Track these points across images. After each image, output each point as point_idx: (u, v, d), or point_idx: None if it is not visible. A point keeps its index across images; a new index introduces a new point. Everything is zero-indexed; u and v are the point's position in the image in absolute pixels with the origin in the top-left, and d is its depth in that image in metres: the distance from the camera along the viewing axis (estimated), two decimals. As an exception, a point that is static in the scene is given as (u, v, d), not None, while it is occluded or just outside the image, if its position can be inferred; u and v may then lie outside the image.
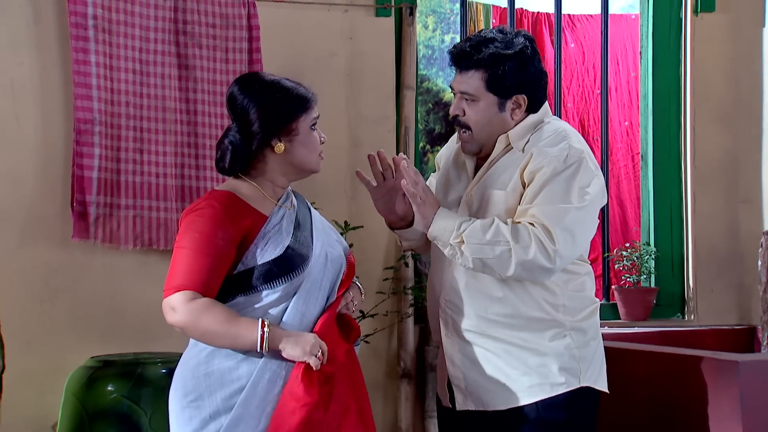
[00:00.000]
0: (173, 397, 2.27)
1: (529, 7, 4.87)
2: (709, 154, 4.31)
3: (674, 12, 4.33)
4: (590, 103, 4.89)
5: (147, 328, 3.62)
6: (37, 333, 3.53)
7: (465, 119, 2.49)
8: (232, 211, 2.22)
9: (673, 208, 4.31)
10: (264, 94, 2.28)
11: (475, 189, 2.51)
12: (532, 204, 2.37)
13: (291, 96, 2.31)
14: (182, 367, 2.28)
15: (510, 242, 2.34)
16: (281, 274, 2.23)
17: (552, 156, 2.40)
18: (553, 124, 2.52)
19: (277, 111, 2.27)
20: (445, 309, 2.52)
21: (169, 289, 2.17)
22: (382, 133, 4.02)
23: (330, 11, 3.96)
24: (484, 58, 2.44)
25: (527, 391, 2.45)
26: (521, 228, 2.35)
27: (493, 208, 2.45)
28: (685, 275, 4.31)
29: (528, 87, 2.48)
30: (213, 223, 2.19)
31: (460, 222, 2.39)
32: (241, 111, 2.28)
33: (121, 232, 3.58)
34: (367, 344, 3.83)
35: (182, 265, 2.17)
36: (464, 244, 2.36)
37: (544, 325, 2.45)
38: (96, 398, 3.21)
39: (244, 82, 2.33)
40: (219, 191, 2.28)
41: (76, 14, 3.51)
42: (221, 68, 3.77)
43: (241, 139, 2.27)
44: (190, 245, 2.18)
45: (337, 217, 3.79)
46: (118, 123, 3.59)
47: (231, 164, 2.28)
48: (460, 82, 2.48)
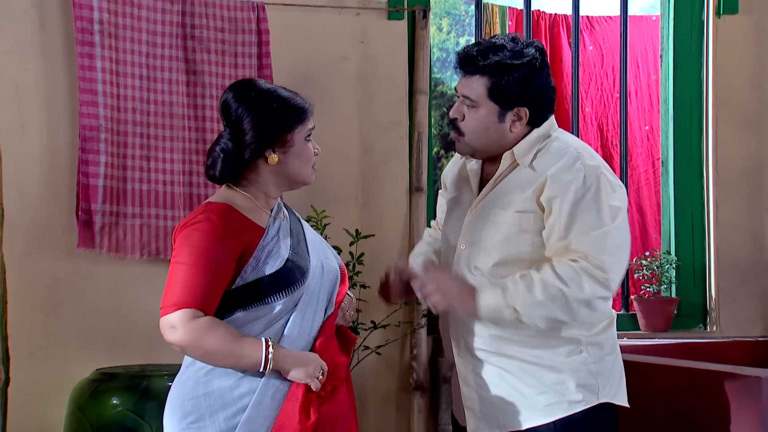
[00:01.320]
0: (170, 420, 2.21)
1: (546, 9, 4.82)
2: (732, 159, 4.25)
3: (696, 13, 4.28)
4: (609, 107, 4.84)
5: (153, 339, 3.49)
6: (42, 345, 3.50)
7: (462, 124, 2.44)
8: (230, 224, 2.17)
9: (695, 215, 4.26)
10: (260, 103, 2.22)
11: (480, 206, 2.46)
12: (568, 238, 2.32)
13: (288, 106, 2.25)
14: (178, 388, 2.21)
15: (562, 288, 2.29)
16: (282, 287, 2.19)
17: (569, 181, 2.35)
18: (561, 141, 2.45)
19: (272, 121, 2.22)
20: (457, 329, 2.48)
21: (168, 306, 2.11)
22: (395, 138, 3.97)
23: (341, 14, 3.92)
24: (490, 65, 2.39)
25: (544, 410, 2.39)
26: (565, 268, 2.30)
27: (504, 229, 2.40)
28: (708, 285, 4.25)
29: (531, 100, 2.42)
30: (212, 238, 2.14)
31: (503, 294, 2.32)
32: (235, 119, 2.23)
33: (127, 242, 3.55)
34: (379, 356, 3.80)
35: (181, 282, 2.11)
36: (521, 314, 2.31)
37: (559, 342, 2.40)
38: (100, 411, 3.19)
39: (239, 89, 2.26)
40: (215, 204, 2.22)
41: (81, 19, 3.47)
42: (230, 73, 3.73)
43: (233, 147, 2.22)
44: (188, 261, 2.12)
45: (347, 225, 3.74)
46: (125, 130, 3.56)
47: (222, 173, 2.23)
48: (464, 86, 2.44)
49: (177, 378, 2.24)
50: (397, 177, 3.97)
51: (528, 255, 2.39)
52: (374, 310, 3.82)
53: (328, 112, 3.81)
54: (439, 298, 2.35)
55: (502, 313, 2.32)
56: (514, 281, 2.32)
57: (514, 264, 2.39)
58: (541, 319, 2.32)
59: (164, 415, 2.24)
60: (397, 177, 3.97)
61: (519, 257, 2.39)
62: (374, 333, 3.79)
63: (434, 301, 2.36)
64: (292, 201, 3.42)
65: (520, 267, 2.37)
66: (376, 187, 3.95)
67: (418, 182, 3.95)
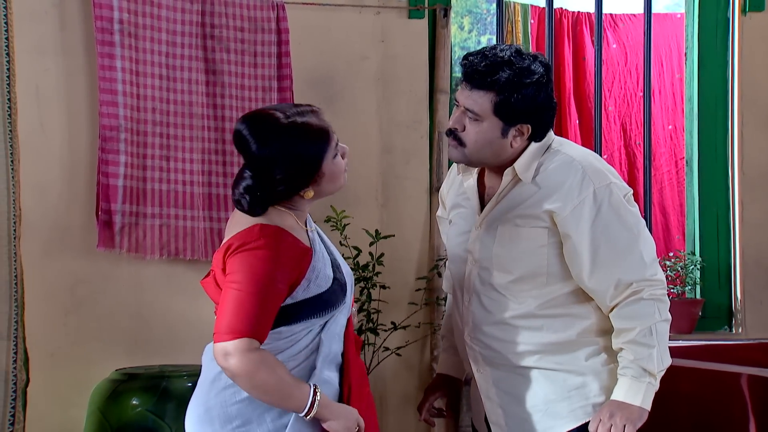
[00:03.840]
0: (207, 428, 2.15)
1: (568, 7, 4.78)
2: (758, 159, 4.19)
3: (721, 11, 4.23)
4: (632, 106, 4.80)
5: (173, 339, 3.59)
6: (62, 345, 3.50)
7: (463, 135, 2.38)
8: (287, 250, 2.12)
9: (720, 215, 4.21)
10: (286, 148, 2.13)
11: (486, 223, 2.43)
12: (613, 269, 2.34)
13: (313, 140, 2.16)
14: (215, 395, 2.16)
15: (656, 323, 2.36)
16: (330, 304, 2.19)
17: (579, 201, 2.34)
18: (563, 154, 2.42)
19: (303, 165, 2.15)
20: (472, 345, 2.45)
21: (225, 333, 2.06)
22: (415, 138, 3.95)
23: (361, 13, 3.90)
24: (500, 82, 2.33)
25: (569, 416, 2.38)
26: (642, 305, 2.35)
27: (520, 245, 2.38)
28: (733, 286, 4.20)
29: (535, 117, 2.39)
30: (272, 266, 2.09)
31: (638, 379, 2.33)
32: (261, 164, 2.14)
33: (147, 242, 3.54)
34: (399, 356, 3.78)
35: (239, 309, 2.06)
36: (662, 370, 2.37)
37: (577, 346, 2.39)
38: (120, 412, 3.19)
39: (260, 131, 2.15)
40: (269, 227, 2.14)
41: (102, 19, 3.47)
42: (250, 73, 3.72)
43: (262, 191, 2.15)
44: (247, 288, 2.07)
45: (368, 225, 3.73)
46: (145, 129, 3.55)
47: (252, 211, 2.16)
48: (468, 98, 2.37)
49: (208, 385, 2.19)
50: (417, 177, 3.94)
51: (545, 269, 2.37)
52: (394, 311, 3.81)
53: (348, 111, 3.80)
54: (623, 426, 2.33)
55: (653, 388, 2.35)
56: (629, 361, 2.34)
57: (531, 279, 2.38)
58: (667, 354, 2.38)
59: (196, 423, 2.18)
60: (418, 177, 3.94)
61: (537, 272, 2.37)
62: (394, 334, 3.77)
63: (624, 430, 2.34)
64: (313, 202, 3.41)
65: (537, 282, 2.37)
66: (396, 187, 3.93)
67: (438, 182, 3.92)
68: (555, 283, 2.38)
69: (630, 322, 2.33)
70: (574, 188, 2.34)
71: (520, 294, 2.38)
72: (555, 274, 2.37)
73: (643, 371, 2.32)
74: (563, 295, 2.39)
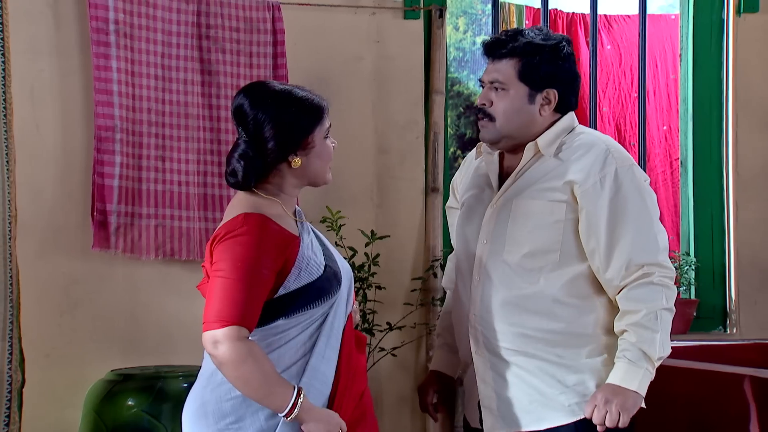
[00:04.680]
0: (202, 423, 2.16)
1: (563, 8, 4.79)
2: (753, 160, 4.20)
3: (716, 12, 4.23)
4: (627, 106, 4.81)
5: (168, 340, 3.58)
6: (57, 345, 3.49)
7: (491, 109, 2.43)
8: (271, 237, 2.14)
9: (714, 216, 4.21)
10: (278, 109, 2.19)
11: (502, 199, 2.44)
12: (628, 248, 2.35)
13: (306, 108, 2.22)
14: (210, 390, 2.17)
15: (662, 309, 2.35)
16: (322, 294, 2.19)
17: (602, 176, 2.37)
18: (588, 134, 2.49)
19: (293, 126, 2.19)
20: (476, 325, 2.44)
21: (215, 321, 2.07)
22: (410, 139, 3.95)
23: (357, 14, 3.90)
24: (520, 46, 2.40)
25: (566, 410, 2.38)
26: (651, 289, 2.35)
27: (534, 219, 2.39)
28: (727, 287, 4.20)
29: (560, 82, 2.44)
30: (255, 252, 2.11)
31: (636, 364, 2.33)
32: (254, 126, 2.19)
33: (142, 242, 3.54)
34: (395, 357, 3.78)
35: (227, 297, 2.08)
36: (655, 359, 2.35)
37: (582, 341, 2.39)
38: (116, 413, 3.19)
39: (255, 93, 2.23)
40: (253, 215, 2.16)
41: (97, 19, 3.46)
42: (245, 73, 3.71)
43: (254, 154, 2.19)
44: (232, 275, 2.09)
45: (363, 225, 3.73)
46: (140, 130, 3.54)
47: (245, 180, 2.20)
48: (492, 71, 2.44)
49: (204, 381, 2.20)
50: (412, 177, 3.94)
51: (558, 246, 2.38)
52: (390, 311, 3.80)
53: (343, 112, 3.79)
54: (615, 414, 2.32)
55: (650, 375, 2.34)
56: (630, 343, 2.33)
57: (543, 255, 2.38)
58: (668, 342, 2.37)
59: (190, 420, 2.20)
60: (413, 177, 3.94)
61: (550, 248, 2.38)
62: (390, 334, 3.77)
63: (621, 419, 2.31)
64: (308, 202, 3.41)
65: (549, 260, 2.37)
66: (391, 187, 3.93)
67: (434, 183, 3.92)
68: (567, 264, 2.38)
69: (636, 304, 2.34)
70: (597, 163, 2.37)
71: (531, 273, 2.38)
72: (568, 253, 2.38)
73: (643, 355, 2.31)
74: (573, 281, 2.39)
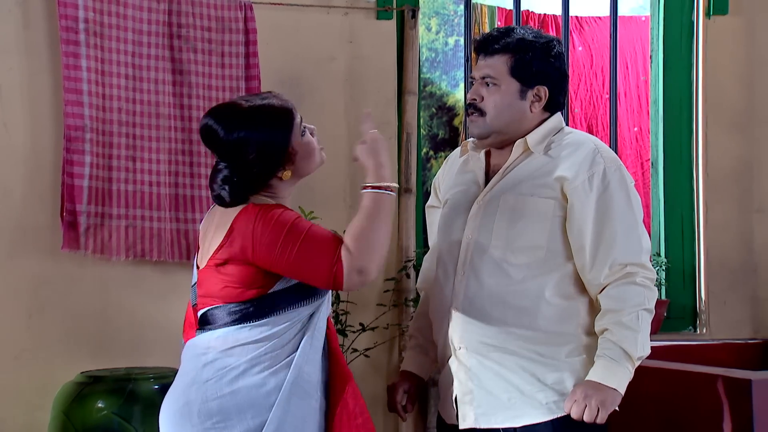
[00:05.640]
0: (187, 423, 2.15)
1: (535, 9, 4.80)
2: (722, 161, 4.23)
3: (686, 14, 4.26)
4: (598, 108, 4.83)
5: (139, 342, 3.55)
6: (26, 347, 3.46)
7: (482, 104, 2.44)
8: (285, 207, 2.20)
9: (685, 217, 4.24)
10: (254, 131, 2.19)
11: (489, 196, 2.45)
12: (613, 247, 2.36)
13: (277, 119, 2.22)
14: (196, 389, 2.16)
15: (643, 309, 2.37)
16: (315, 292, 2.22)
17: (591, 174, 2.38)
18: (576, 134, 2.52)
19: (273, 145, 2.20)
20: (457, 319, 2.44)
21: (333, 265, 2.09)
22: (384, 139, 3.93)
23: (329, 14, 3.89)
24: (513, 42, 2.43)
25: (543, 408, 2.38)
26: (634, 289, 2.37)
27: (523, 215, 2.39)
28: (697, 287, 4.23)
29: (550, 80, 2.46)
30: (291, 212, 2.17)
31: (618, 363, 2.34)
32: (233, 152, 2.19)
33: (112, 243, 3.50)
34: (368, 358, 3.76)
35: (318, 248, 2.10)
36: (635, 359, 2.36)
37: (563, 340, 2.40)
38: (85, 415, 3.16)
39: (226, 119, 2.21)
40: (267, 204, 2.20)
41: (66, 18, 3.43)
42: (217, 73, 3.69)
43: (239, 179, 2.19)
44: (300, 236, 2.11)
45: (336, 226, 3.66)
46: (110, 130, 3.51)
47: (234, 201, 2.20)
48: (483, 67, 2.45)
49: (188, 381, 2.19)
50: (385, 178, 3.93)
51: (545, 242, 2.39)
52: (362, 312, 3.80)
53: (316, 112, 3.76)
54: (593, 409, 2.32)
55: (629, 374, 2.36)
56: (611, 342, 2.34)
57: (530, 251, 2.38)
58: (648, 342, 2.38)
59: (171, 420, 2.18)
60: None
61: (536, 244, 2.38)
62: (362, 335, 3.76)
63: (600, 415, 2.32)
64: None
65: (536, 255, 2.38)
66: (364, 188, 3.91)
67: (407, 183, 3.92)
68: (554, 262, 2.39)
69: (618, 303, 2.35)
70: (586, 161, 2.39)
71: (517, 268, 2.38)
72: (555, 251, 2.39)
73: (624, 354, 2.32)
74: (560, 280, 2.40)
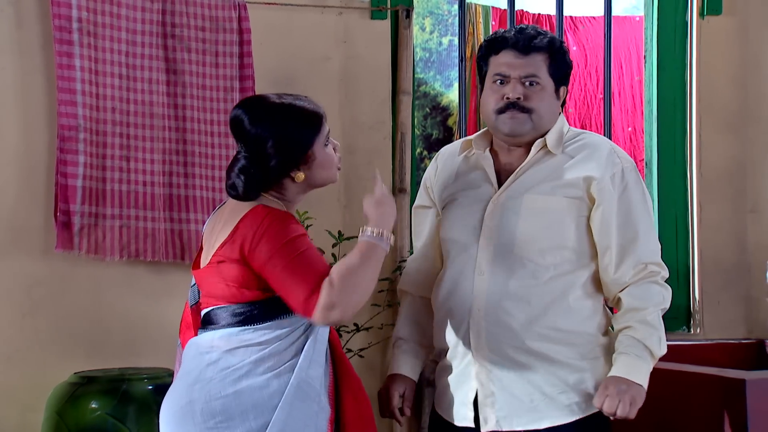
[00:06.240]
0: (189, 422, 2.15)
1: (529, 9, 4.82)
2: (716, 161, 4.23)
3: (680, 14, 4.25)
4: (592, 108, 4.84)
5: (133, 342, 3.54)
6: (18, 348, 3.44)
7: (528, 103, 2.43)
8: (295, 220, 2.23)
9: (678, 217, 4.23)
10: (278, 124, 2.21)
11: (507, 194, 2.44)
12: (636, 247, 2.41)
13: (305, 120, 2.24)
14: (199, 388, 2.16)
15: (662, 308, 2.49)
16: None
17: (613, 173, 2.42)
18: (588, 134, 2.57)
19: (294, 142, 2.22)
20: (480, 321, 2.42)
21: (311, 298, 2.11)
22: (378, 139, 3.94)
23: (324, 14, 3.88)
24: (547, 41, 2.45)
25: (566, 410, 2.39)
26: (656, 288, 2.46)
27: (549, 215, 2.40)
28: (691, 287, 4.22)
29: (568, 80, 2.53)
30: (294, 227, 2.18)
31: (642, 359, 2.38)
32: (255, 143, 2.21)
33: (106, 243, 3.49)
34: (362, 358, 3.76)
35: (303, 273, 2.13)
36: (657, 357, 2.43)
37: (584, 340, 2.42)
38: (79, 416, 3.15)
39: (254, 110, 2.24)
40: (270, 207, 2.21)
41: (60, 17, 3.41)
42: (211, 73, 3.68)
43: (255, 170, 2.21)
44: (292, 255, 2.14)
45: (330, 226, 3.71)
46: (104, 130, 3.50)
47: (246, 194, 2.22)
48: (523, 66, 2.43)
49: (190, 380, 2.19)
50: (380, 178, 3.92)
51: (570, 243, 2.40)
52: (357, 312, 3.78)
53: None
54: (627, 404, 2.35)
55: (649, 372, 2.41)
56: (635, 340, 2.38)
57: (557, 251, 2.39)
58: (665, 341, 2.48)
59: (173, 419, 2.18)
60: (380, 178, 3.92)
61: (563, 244, 2.39)
62: (357, 336, 3.76)
63: (631, 411, 2.35)
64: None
65: (563, 256, 2.39)
66: (359, 188, 3.91)
67: (401, 183, 3.92)
68: (579, 263, 2.41)
69: (643, 302, 2.40)
70: (609, 161, 2.44)
71: (544, 269, 2.39)
72: (580, 252, 2.41)
73: (648, 351, 2.37)
74: (585, 281, 2.42)
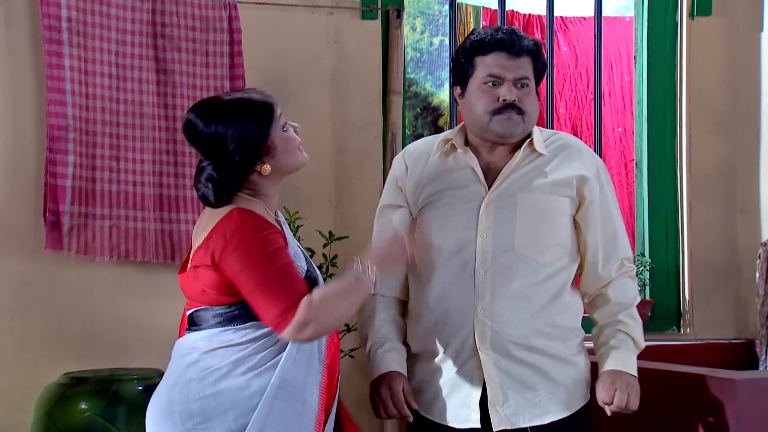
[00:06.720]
0: (168, 423, 2.15)
1: (520, 9, 4.82)
2: (706, 162, 4.24)
3: (670, 15, 4.26)
4: (583, 108, 4.85)
5: (123, 343, 3.53)
6: (8, 349, 3.43)
7: (524, 105, 2.47)
8: (270, 226, 2.20)
9: (669, 217, 4.24)
10: (232, 120, 2.19)
11: (498, 193, 2.46)
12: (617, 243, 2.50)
13: (256, 112, 2.22)
14: (179, 390, 2.16)
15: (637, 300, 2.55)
16: None
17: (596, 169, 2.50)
18: (560, 133, 2.62)
19: (251, 135, 2.19)
20: (484, 320, 2.44)
21: (284, 315, 2.10)
22: (369, 139, 3.94)
23: (314, 14, 3.88)
24: (533, 45, 2.49)
25: (564, 404, 2.46)
26: (633, 283, 2.54)
27: (546, 213, 2.44)
28: (681, 287, 4.24)
29: (542, 80, 2.57)
30: (266, 238, 2.15)
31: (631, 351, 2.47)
32: (212, 143, 2.20)
33: (96, 243, 3.48)
34: (353, 359, 3.75)
35: (276, 290, 2.11)
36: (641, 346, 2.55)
37: (573, 335, 2.50)
38: (68, 416, 3.14)
39: (205, 111, 2.22)
40: (246, 210, 2.19)
41: (49, 17, 3.40)
42: (201, 73, 3.67)
43: (220, 175, 2.20)
44: (264, 270, 2.11)
45: (321, 226, 3.71)
46: (94, 129, 3.49)
47: (218, 201, 2.21)
48: (517, 67, 2.46)
49: (171, 381, 2.19)
50: (371, 178, 3.93)
51: (563, 240, 2.45)
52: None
53: (301, 112, 3.75)
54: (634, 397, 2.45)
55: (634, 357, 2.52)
56: (625, 334, 2.48)
57: (555, 249, 2.44)
58: None
59: (155, 419, 2.18)
60: (371, 178, 3.93)
61: (560, 242, 2.45)
62: (348, 336, 3.75)
63: (635, 403, 2.45)
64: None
65: (558, 253, 2.44)
66: (349, 188, 3.91)
67: (392, 183, 3.92)
68: (570, 259, 2.47)
69: (625, 296, 2.48)
70: (588, 158, 2.52)
71: (543, 267, 2.44)
72: (570, 249, 2.47)
73: (636, 345, 2.48)
74: (571, 277, 2.49)
